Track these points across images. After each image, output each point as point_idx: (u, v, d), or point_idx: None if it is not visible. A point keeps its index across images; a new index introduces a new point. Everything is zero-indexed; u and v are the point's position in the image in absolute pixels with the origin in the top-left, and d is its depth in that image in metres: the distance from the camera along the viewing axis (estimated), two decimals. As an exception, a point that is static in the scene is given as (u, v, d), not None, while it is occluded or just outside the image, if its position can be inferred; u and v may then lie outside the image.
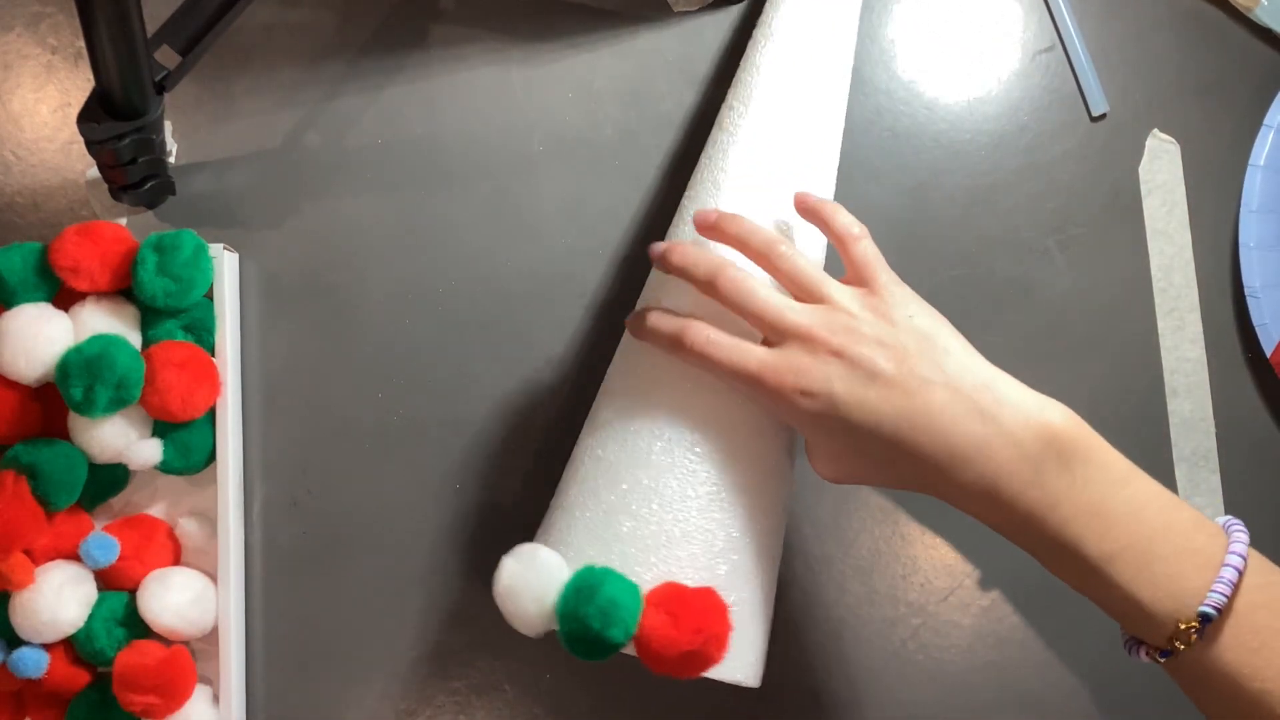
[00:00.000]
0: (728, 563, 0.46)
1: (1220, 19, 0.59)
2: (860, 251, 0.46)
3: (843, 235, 0.46)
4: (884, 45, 0.59)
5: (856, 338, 0.43)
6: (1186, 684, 0.41)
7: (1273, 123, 0.56)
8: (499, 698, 0.55)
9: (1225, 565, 0.39)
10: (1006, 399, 0.42)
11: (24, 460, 0.51)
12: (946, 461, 0.41)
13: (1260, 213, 0.56)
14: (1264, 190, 0.56)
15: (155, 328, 0.54)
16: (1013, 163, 0.58)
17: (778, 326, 0.44)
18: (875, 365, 0.42)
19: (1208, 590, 0.39)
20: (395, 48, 0.59)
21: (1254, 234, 0.56)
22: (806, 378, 0.43)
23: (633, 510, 0.46)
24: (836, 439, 0.44)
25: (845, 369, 0.42)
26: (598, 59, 0.59)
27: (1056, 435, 0.41)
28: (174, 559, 0.55)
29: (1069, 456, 0.41)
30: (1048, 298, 0.58)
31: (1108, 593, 0.41)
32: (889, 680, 0.56)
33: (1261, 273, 0.55)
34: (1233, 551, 0.40)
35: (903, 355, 0.42)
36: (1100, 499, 0.40)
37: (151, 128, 0.51)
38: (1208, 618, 0.39)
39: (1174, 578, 0.39)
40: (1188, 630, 0.39)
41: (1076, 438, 0.41)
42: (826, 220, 0.47)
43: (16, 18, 0.60)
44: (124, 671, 0.51)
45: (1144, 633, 0.41)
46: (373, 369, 0.57)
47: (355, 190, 0.58)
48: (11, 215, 0.59)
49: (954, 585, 0.56)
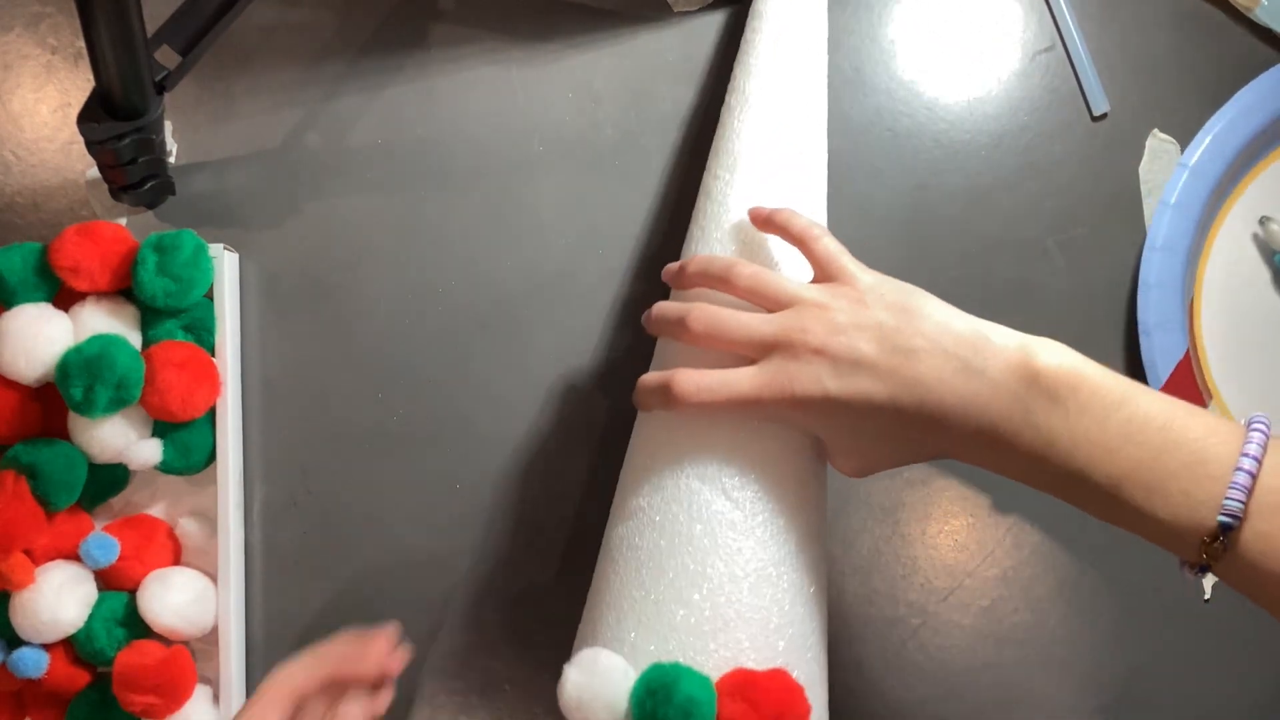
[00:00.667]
0: (785, 637, 0.44)
1: (1220, 19, 0.59)
2: (822, 249, 0.46)
3: (803, 237, 0.47)
4: (884, 45, 0.59)
5: (833, 329, 0.43)
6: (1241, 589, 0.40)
7: (1186, 161, 0.56)
8: (499, 698, 0.55)
9: (1238, 469, 0.38)
10: (988, 347, 0.42)
11: (24, 460, 0.51)
12: (946, 422, 0.42)
13: (1163, 251, 0.56)
14: (1170, 229, 0.56)
15: (155, 328, 0.54)
16: (1013, 163, 0.58)
17: (755, 343, 0.44)
18: (858, 351, 0.43)
19: (1222, 498, 0.38)
20: (395, 48, 0.59)
21: (1154, 271, 0.56)
22: (798, 383, 0.43)
23: (683, 598, 0.44)
24: (846, 432, 0.44)
25: (831, 363, 0.43)
26: (598, 59, 0.59)
27: (1039, 372, 0.41)
28: (174, 559, 0.55)
29: (1055, 390, 0.40)
30: (1048, 298, 0.58)
31: (1128, 518, 0.40)
32: (889, 680, 0.56)
33: (1157, 311, 0.56)
34: (1245, 453, 0.38)
35: (882, 333, 0.43)
36: (1097, 426, 0.40)
37: (151, 128, 0.51)
38: (1228, 526, 0.38)
39: (1187, 492, 0.38)
40: (1213, 542, 0.38)
41: (1060, 369, 0.41)
42: (783, 227, 0.47)
43: (16, 18, 0.60)
44: (124, 671, 0.51)
45: (1177, 550, 0.40)
46: (373, 369, 0.57)
47: (355, 190, 0.58)
48: (11, 215, 0.59)
49: (954, 585, 0.56)
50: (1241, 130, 0.56)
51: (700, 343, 0.46)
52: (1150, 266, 0.56)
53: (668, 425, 0.47)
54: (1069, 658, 0.56)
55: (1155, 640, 0.56)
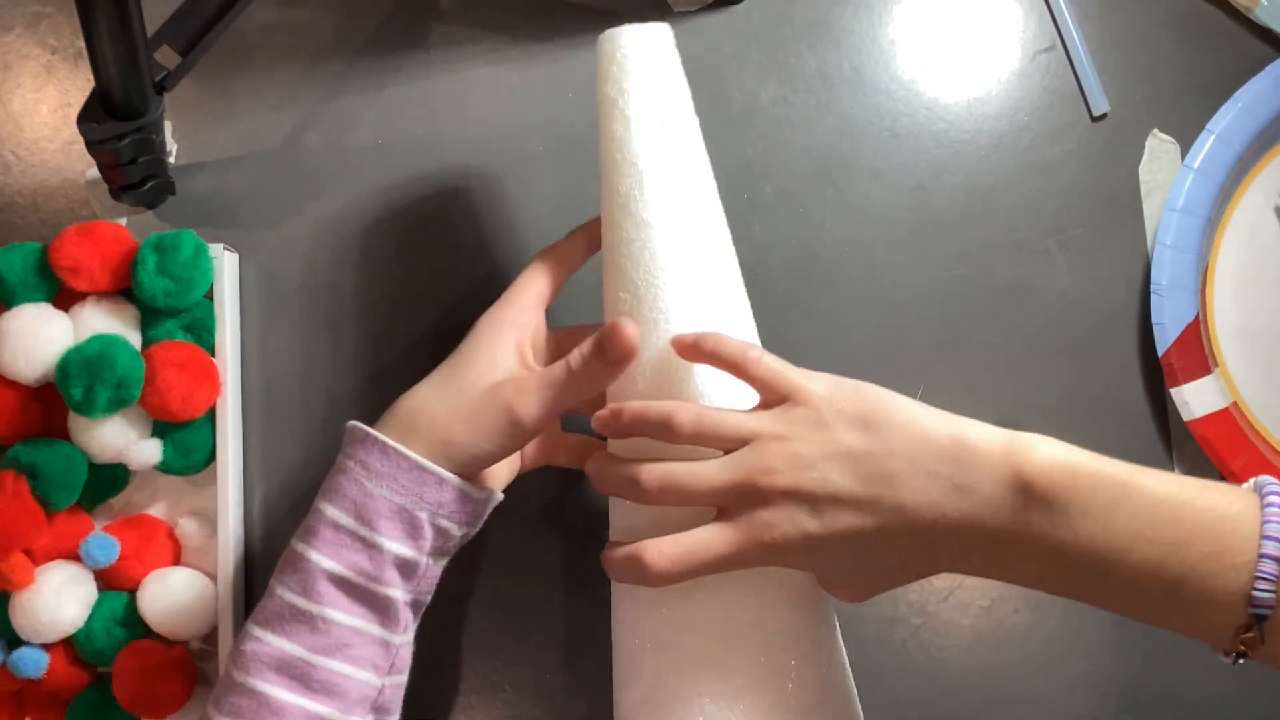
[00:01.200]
0: None
1: (1220, 19, 0.59)
2: (764, 370, 0.43)
3: (738, 361, 0.43)
4: (884, 45, 0.59)
5: (800, 464, 0.40)
6: None
7: (1215, 128, 0.56)
8: (499, 698, 0.55)
9: (1262, 556, 0.35)
10: (971, 459, 0.39)
11: (24, 460, 0.51)
12: (942, 545, 0.40)
13: (1183, 213, 0.56)
14: (1190, 193, 0.56)
15: (155, 328, 0.54)
16: (1013, 163, 0.58)
17: (718, 494, 0.42)
18: (831, 487, 0.40)
19: (1250, 590, 0.35)
20: (395, 48, 0.59)
21: (1170, 233, 0.56)
22: (775, 530, 0.40)
23: None
24: (838, 566, 0.42)
25: (805, 504, 0.40)
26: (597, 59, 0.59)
27: (1031, 479, 0.38)
28: (174, 559, 0.55)
29: (1052, 496, 0.38)
30: (1048, 298, 0.58)
31: (1150, 616, 0.38)
32: (889, 680, 0.56)
33: (1170, 272, 0.56)
34: (1267, 534, 0.36)
35: (853, 461, 0.40)
36: (1102, 528, 0.37)
37: (151, 128, 0.51)
38: (1261, 617, 0.36)
39: (1210, 588, 0.36)
40: (1247, 632, 0.36)
41: (1052, 470, 0.38)
42: (714, 354, 0.44)
43: (16, 18, 0.60)
44: (124, 671, 0.51)
45: (1209, 642, 0.38)
46: (372, 369, 0.57)
47: (355, 190, 0.58)
48: (11, 215, 0.59)
49: (954, 585, 0.56)
50: (1273, 102, 0.56)
51: (658, 503, 0.43)
52: (1168, 228, 0.56)
53: (656, 623, 0.45)
54: (1069, 658, 0.56)
55: (1155, 640, 0.55)
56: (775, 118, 0.58)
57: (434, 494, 0.44)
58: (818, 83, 0.59)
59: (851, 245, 0.58)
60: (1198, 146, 0.56)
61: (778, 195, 0.58)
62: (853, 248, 0.58)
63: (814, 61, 0.59)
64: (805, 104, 0.59)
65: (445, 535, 0.45)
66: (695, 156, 0.49)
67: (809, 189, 0.58)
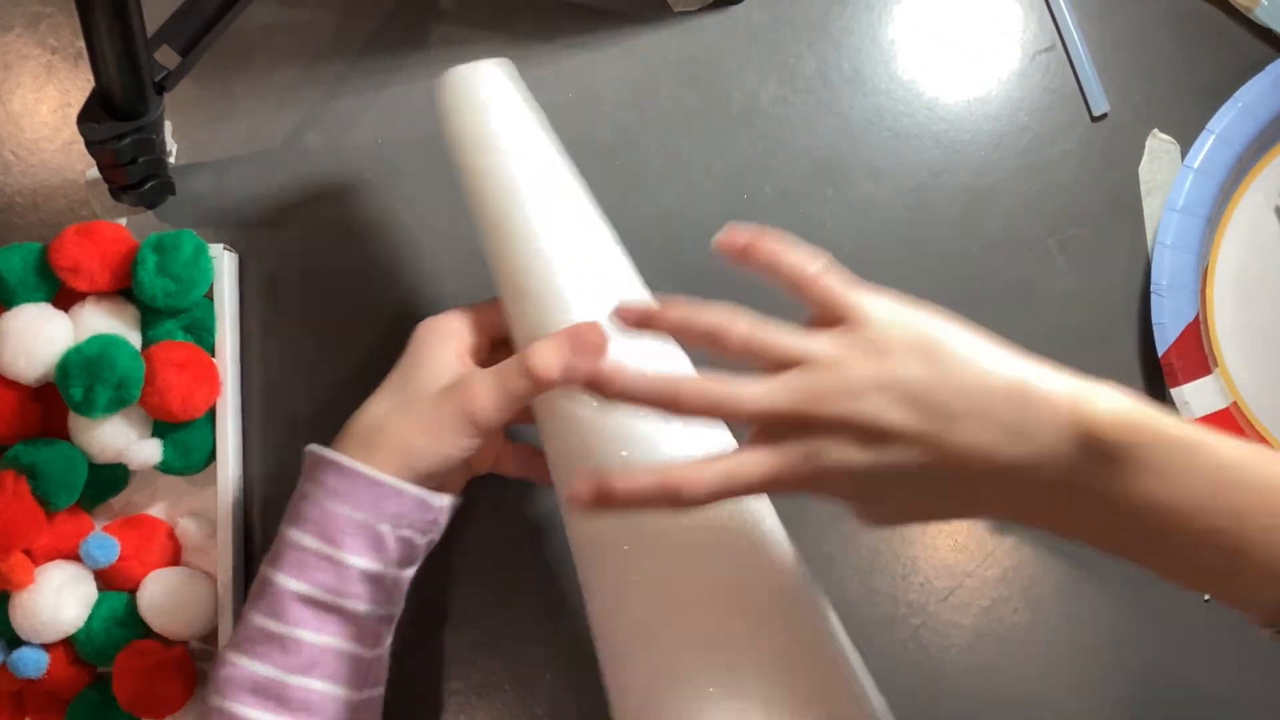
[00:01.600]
0: None
1: (1220, 19, 0.59)
2: (823, 289, 0.39)
3: (798, 280, 0.40)
4: (884, 45, 0.59)
5: (852, 392, 0.37)
6: None
7: (1215, 128, 0.56)
8: (499, 698, 0.55)
9: None
10: (1034, 404, 0.37)
11: (24, 460, 0.52)
12: (993, 489, 0.37)
13: (1183, 213, 0.56)
14: (1190, 193, 0.56)
15: (155, 328, 0.54)
16: (1013, 163, 0.58)
17: (761, 418, 0.38)
18: (884, 420, 0.37)
19: None
20: (395, 48, 0.59)
21: (1170, 233, 0.56)
22: (819, 461, 0.37)
23: None
24: (874, 496, 0.39)
25: (854, 437, 0.37)
26: (598, 59, 0.59)
27: (1095, 429, 0.36)
28: (174, 559, 0.55)
29: (1115, 449, 0.36)
30: (1048, 298, 0.58)
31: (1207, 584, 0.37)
32: (889, 680, 0.56)
33: (1170, 272, 0.56)
34: None
35: (908, 394, 0.37)
36: (1166, 491, 0.35)
37: (151, 128, 0.51)
38: None
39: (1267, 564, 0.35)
40: None
41: (1117, 421, 0.36)
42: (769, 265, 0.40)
43: (16, 18, 0.60)
44: (124, 671, 0.51)
45: (1255, 614, 0.37)
46: (373, 369, 0.57)
47: (355, 190, 0.58)
48: (11, 215, 0.59)
49: (954, 585, 0.56)
50: (1273, 102, 0.56)
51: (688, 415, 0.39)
52: (1168, 228, 0.56)
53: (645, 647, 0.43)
54: (1069, 658, 0.56)
55: (1155, 640, 0.56)
56: (775, 118, 0.58)
57: (393, 506, 0.45)
58: (818, 83, 0.59)
59: (851, 245, 0.57)
60: (1198, 146, 0.56)
61: (778, 195, 0.58)
62: (853, 248, 0.57)
63: (814, 61, 0.59)
64: (805, 104, 0.59)
65: (409, 545, 0.46)
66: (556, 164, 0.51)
67: (809, 189, 0.58)
